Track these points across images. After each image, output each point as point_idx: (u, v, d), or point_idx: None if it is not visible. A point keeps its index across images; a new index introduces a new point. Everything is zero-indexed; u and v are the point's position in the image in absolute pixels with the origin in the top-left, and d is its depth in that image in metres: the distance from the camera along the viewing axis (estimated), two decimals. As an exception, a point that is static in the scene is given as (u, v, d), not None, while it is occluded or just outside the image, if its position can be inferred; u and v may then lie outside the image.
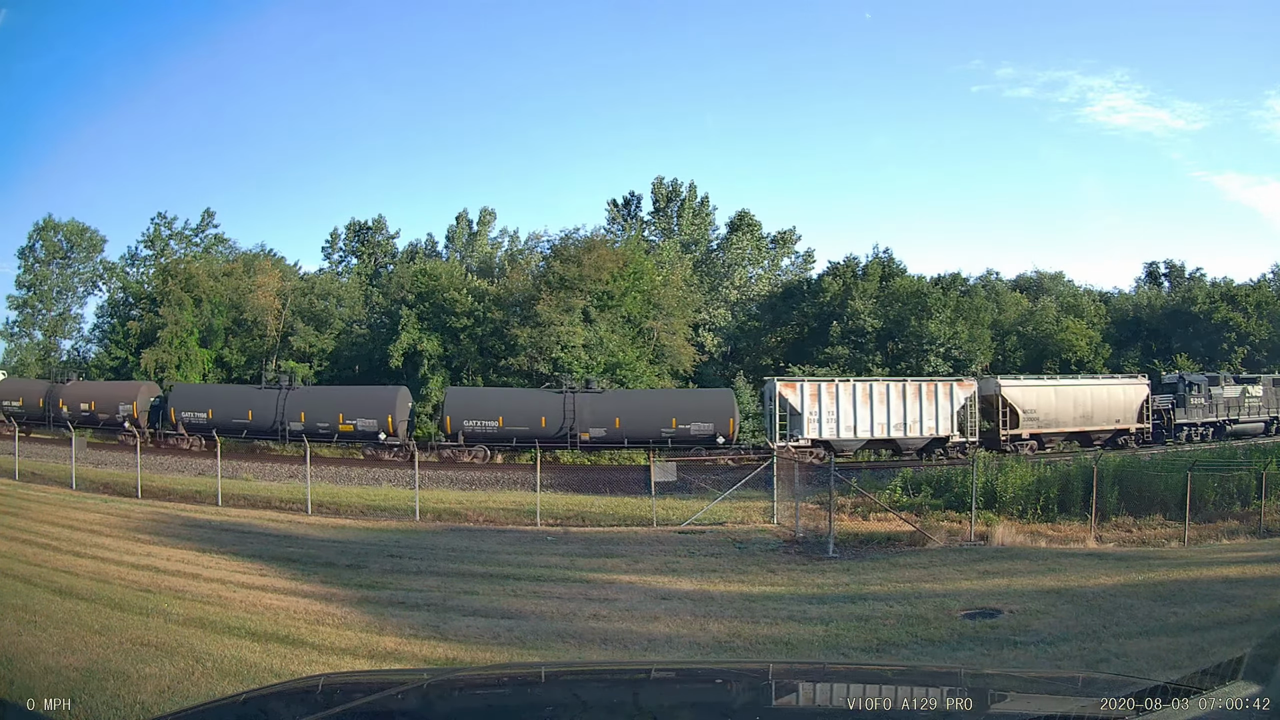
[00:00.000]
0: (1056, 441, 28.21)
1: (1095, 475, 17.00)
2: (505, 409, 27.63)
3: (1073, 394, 28.93)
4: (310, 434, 26.59)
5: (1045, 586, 10.26)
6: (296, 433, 27.35)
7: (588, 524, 17.65)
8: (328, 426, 27.82)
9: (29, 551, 11.55)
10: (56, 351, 45.40)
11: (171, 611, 8.36)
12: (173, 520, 16.28)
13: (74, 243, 45.74)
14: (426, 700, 2.27)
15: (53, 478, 21.76)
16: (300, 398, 28.85)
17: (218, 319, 39.59)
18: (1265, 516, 16.16)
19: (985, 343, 38.13)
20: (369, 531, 16.10)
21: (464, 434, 27.17)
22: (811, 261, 46.28)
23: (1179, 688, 2.03)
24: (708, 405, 27.95)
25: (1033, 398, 28.30)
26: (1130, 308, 45.64)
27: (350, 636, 7.98)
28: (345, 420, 27.81)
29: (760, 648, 7.99)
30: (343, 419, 27.81)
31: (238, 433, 28.35)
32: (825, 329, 37.82)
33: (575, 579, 11.52)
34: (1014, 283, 47.46)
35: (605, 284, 35.07)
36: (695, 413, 27.35)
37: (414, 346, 35.65)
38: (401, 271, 42.29)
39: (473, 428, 27.13)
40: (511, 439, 27.07)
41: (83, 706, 5.14)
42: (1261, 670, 2.17)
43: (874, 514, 17.53)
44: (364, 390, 30.84)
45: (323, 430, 27.74)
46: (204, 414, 28.57)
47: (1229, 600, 9.17)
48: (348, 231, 50.25)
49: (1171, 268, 49.12)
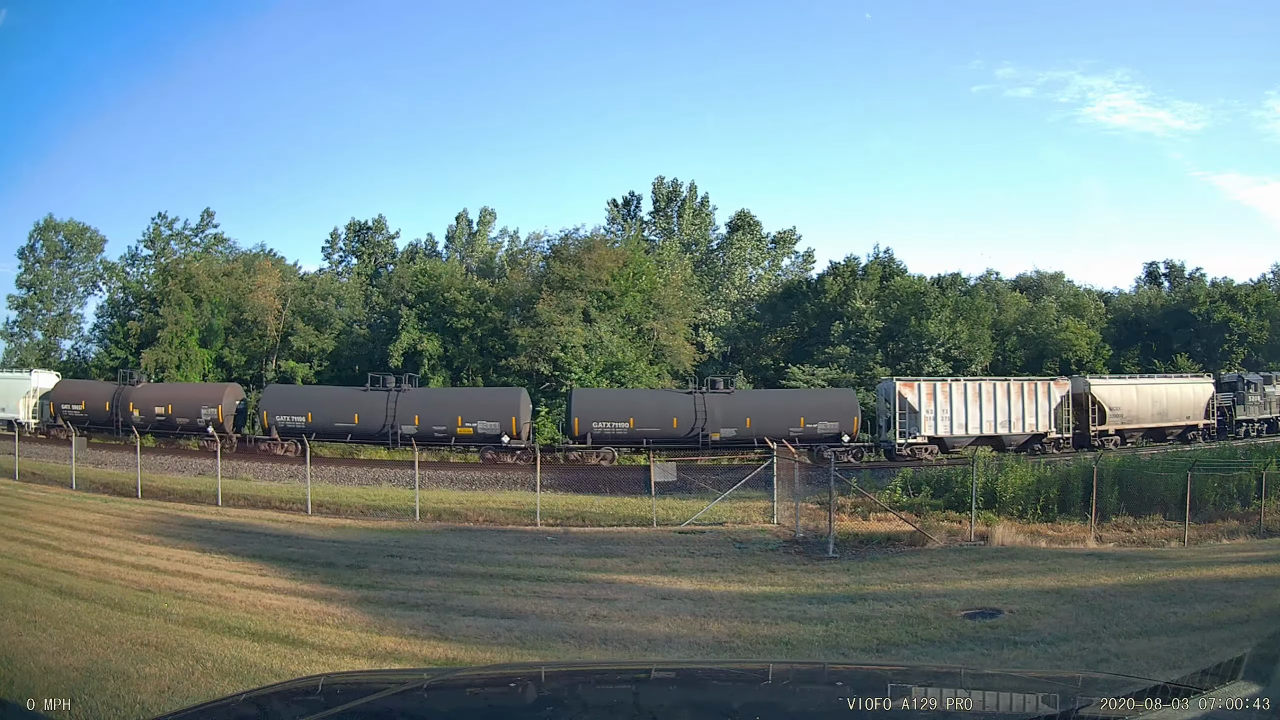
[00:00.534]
0: (1136, 437, 29.52)
1: (1095, 475, 16.99)
2: (636, 410, 27.40)
3: (1151, 392, 30.32)
4: (425, 438, 26.09)
5: (1045, 586, 10.26)
6: (409, 436, 26.32)
7: (588, 524, 17.64)
8: (444, 430, 27.00)
9: (29, 551, 11.56)
10: (56, 351, 45.43)
11: (171, 611, 8.35)
12: (173, 520, 16.27)
13: (74, 242, 45.79)
14: (426, 700, 2.27)
15: (53, 478, 21.77)
16: (414, 400, 27.86)
17: (218, 319, 39.60)
18: (1265, 516, 16.16)
19: (985, 343, 38.15)
20: (369, 531, 16.10)
21: (593, 436, 26.85)
22: (812, 261, 46.42)
23: (1179, 688, 2.03)
24: (833, 404, 28.26)
25: (1118, 396, 29.56)
26: (1130, 308, 45.67)
27: (350, 636, 7.98)
28: (465, 423, 26.97)
29: (760, 648, 7.99)
30: (461, 421, 26.97)
31: (341, 437, 27.57)
32: (826, 329, 37.83)
33: (575, 579, 11.52)
34: (1014, 283, 47.51)
35: (605, 284, 35.09)
36: (822, 411, 27.69)
37: (414, 346, 35.67)
38: (401, 271, 42.33)
39: (602, 429, 26.83)
40: (642, 440, 26.82)
41: (83, 706, 5.14)
42: (1261, 670, 2.18)
43: (874, 514, 17.52)
44: (485, 392, 30.61)
45: (439, 434, 26.98)
46: (302, 417, 27.39)
47: (1229, 600, 9.17)
48: (348, 231, 50.36)
49: (1171, 268, 49.19)
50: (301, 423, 27.26)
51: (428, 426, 26.98)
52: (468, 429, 26.95)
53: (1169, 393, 30.42)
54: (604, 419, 26.80)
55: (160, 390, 31.39)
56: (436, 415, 27.22)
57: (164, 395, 30.39)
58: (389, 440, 27.30)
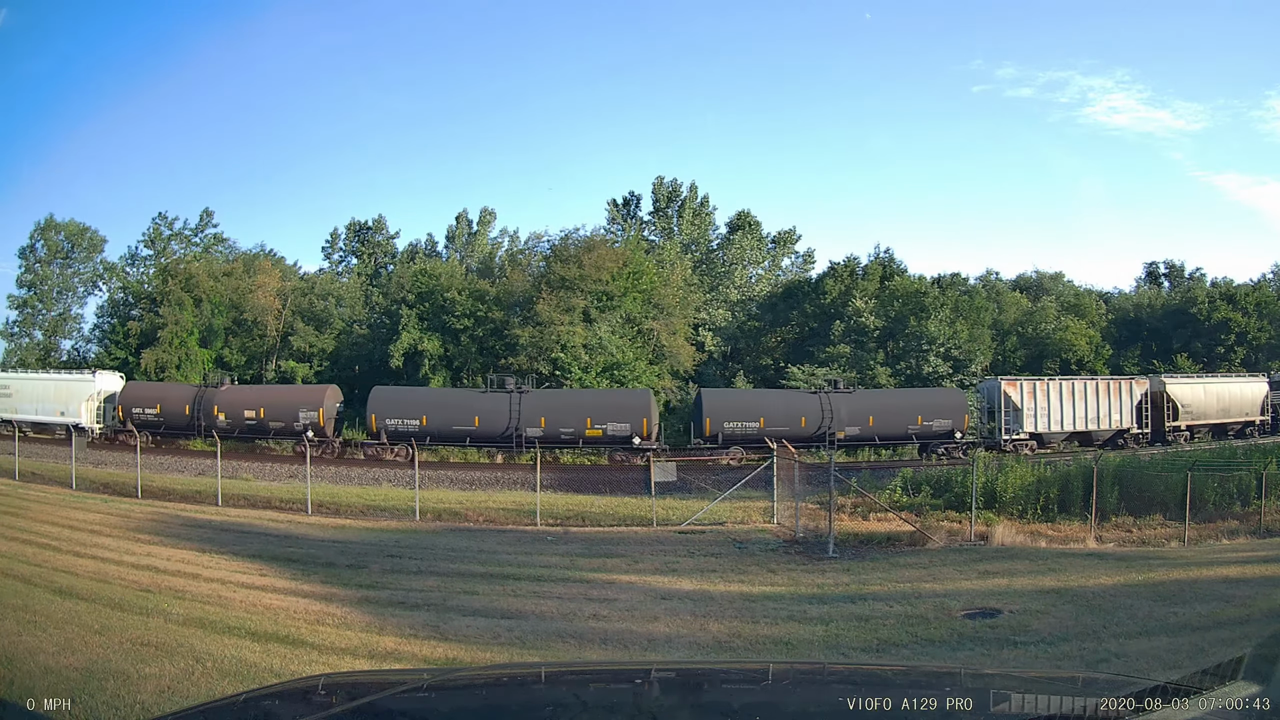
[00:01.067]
0: (1203, 432, 31.31)
1: (1095, 475, 16.99)
2: (766, 410, 27.87)
3: (1216, 390, 32.28)
4: (551, 440, 25.82)
5: (1045, 586, 10.26)
6: (534, 439, 25.94)
7: (588, 524, 17.65)
8: (572, 432, 26.72)
9: (29, 551, 11.56)
10: (56, 351, 45.42)
11: (171, 611, 8.35)
12: (173, 520, 16.27)
13: (75, 242, 45.76)
14: (426, 700, 2.27)
15: (53, 478, 21.76)
16: (539, 401, 27.47)
17: (218, 319, 39.59)
18: (1265, 516, 16.17)
19: (985, 343, 38.14)
20: (369, 531, 16.10)
21: (723, 435, 27.15)
22: (812, 261, 46.39)
23: (1179, 688, 2.03)
24: (945, 402, 29.44)
25: (1189, 394, 31.34)
26: (1130, 308, 45.67)
27: (350, 636, 7.98)
28: (594, 425, 26.70)
29: (760, 648, 7.99)
30: (591, 423, 26.71)
31: (459, 441, 27.00)
32: (826, 328, 37.82)
33: (575, 579, 11.52)
34: (1014, 283, 47.50)
35: (605, 284, 35.07)
36: (936, 409, 28.78)
37: (414, 346, 35.65)
38: (401, 271, 42.31)
39: (733, 430, 27.19)
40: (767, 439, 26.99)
41: (83, 706, 5.14)
42: (1261, 670, 2.18)
43: (874, 514, 17.52)
44: (614, 393, 30.20)
45: (565, 436, 26.73)
46: (416, 421, 26.75)
47: (1229, 600, 9.18)
48: (348, 231, 50.33)
49: (1171, 268, 49.18)
50: (415, 426, 26.62)
51: (554, 429, 26.66)
52: (597, 430, 26.76)
53: (1230, 391, 32.49)
54: (735, 419, 27.34)
55: (251, 393, 29.84)
56: (564, 417, 26.96)
57: (255, 398, 28.87)
58: (512, 444, 26.85)
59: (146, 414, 28.97)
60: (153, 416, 28.90)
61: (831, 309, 38.52)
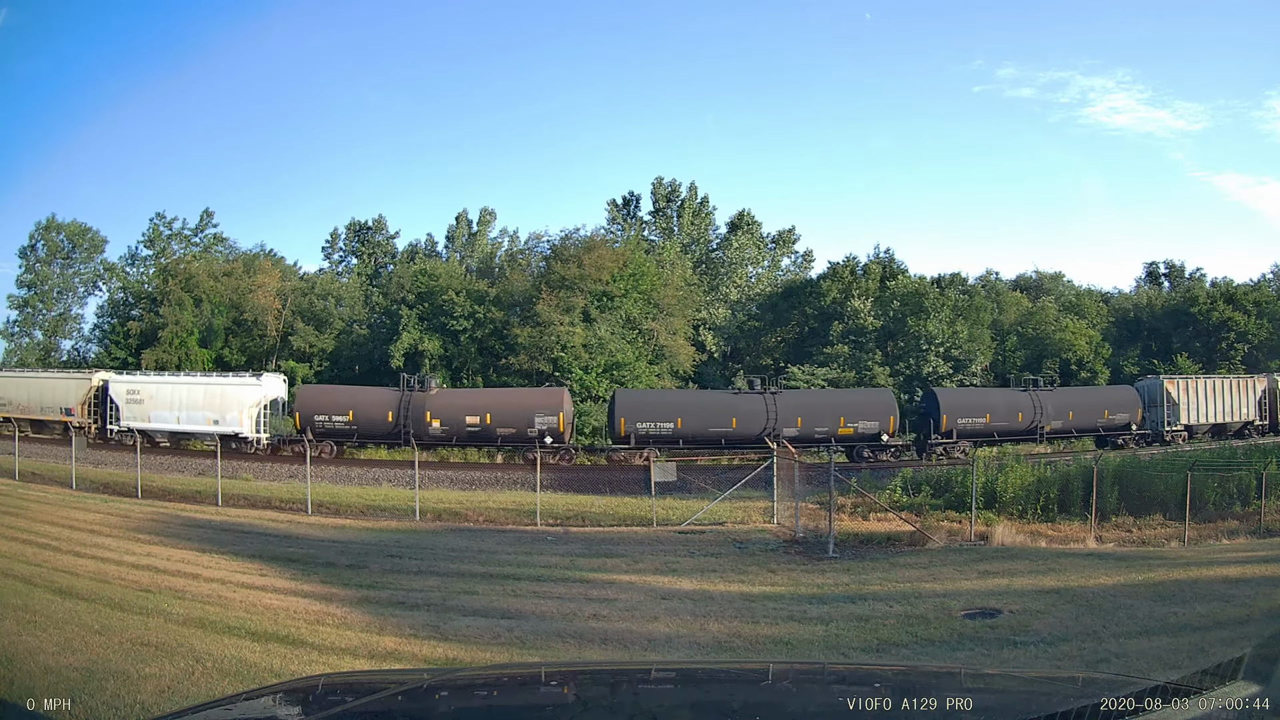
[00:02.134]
0: None
1: (1095, 475, 16.98)
2: (993, 407, 29.59)
3: None
4: (805, 440, 25.83)
5: (1045, 586, 10.26)
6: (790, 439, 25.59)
7: (588, 524, 17.64)
8: (825, 431, 26.72)
9: (29, 551, 11.55)
10: (56, 351, 45.45)
11: (171, 611, 8.35)
12: (173, 520, 16.27)
13: (76, 243, 45.79)
14: (426, 700, 2.27)
15: (53, 477, 21.75)
16: (793, 401, 27.66)
17: (218, 319, 39.61)
18: (1265, 516, 16.14)
19: (985, 342, 38.15)
20: (369, 531, 16.09)
21: (957, 431, 28.62)
22: (811, 261, 46.45)
23: (1179, 688, 2.03)
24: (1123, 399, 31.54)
25: None
26: (1130, 308, 45.66)
27: (350, 636, 7.97)
28: (846, 423, 27.04)
29: (760, 648, 7.99)
30: (844, 422, 27.05)
31: (715, 443, 26.63)
32: (826, 328, 37.82)
33: (575, 579, 11.51)
34: (1014, 283, 47.50)
35: (605, 284, 35.06)
36: (1117, 405, 31.20)
37: (414, 347, 35.67)
38: (401, 271, 42.33)
39: (964, 425, 28.82)
40: (993, 434, 29.19)
41: (83, 706, 5.14)
42: (1261, 670, 2.17)
43: (874, 514, 17.52)
44: (863, 392, 30.78)
45: (819, 435, 26.61)
46: (670, 424, 26.18)
47: (1229, 600, 9.17)
48: (348, 231, 50.36)
49: (1171, 268, 49.15)
50: (670, 429, 26.24)
51: (809, 428, 26.80)
52: (849, 429, 27.19)
53: None
54: (966, 415, 29.11)
55: (474, 397, 27.96)
56: (819, 416, 27.21)
57: (481, 402, 27.01)
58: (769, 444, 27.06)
59: (334, 422, 26.50)
60: (342, 424, 26.58)
61: (831, 309, 38.51)
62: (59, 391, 30.93)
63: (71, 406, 30.19)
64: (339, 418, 26.65)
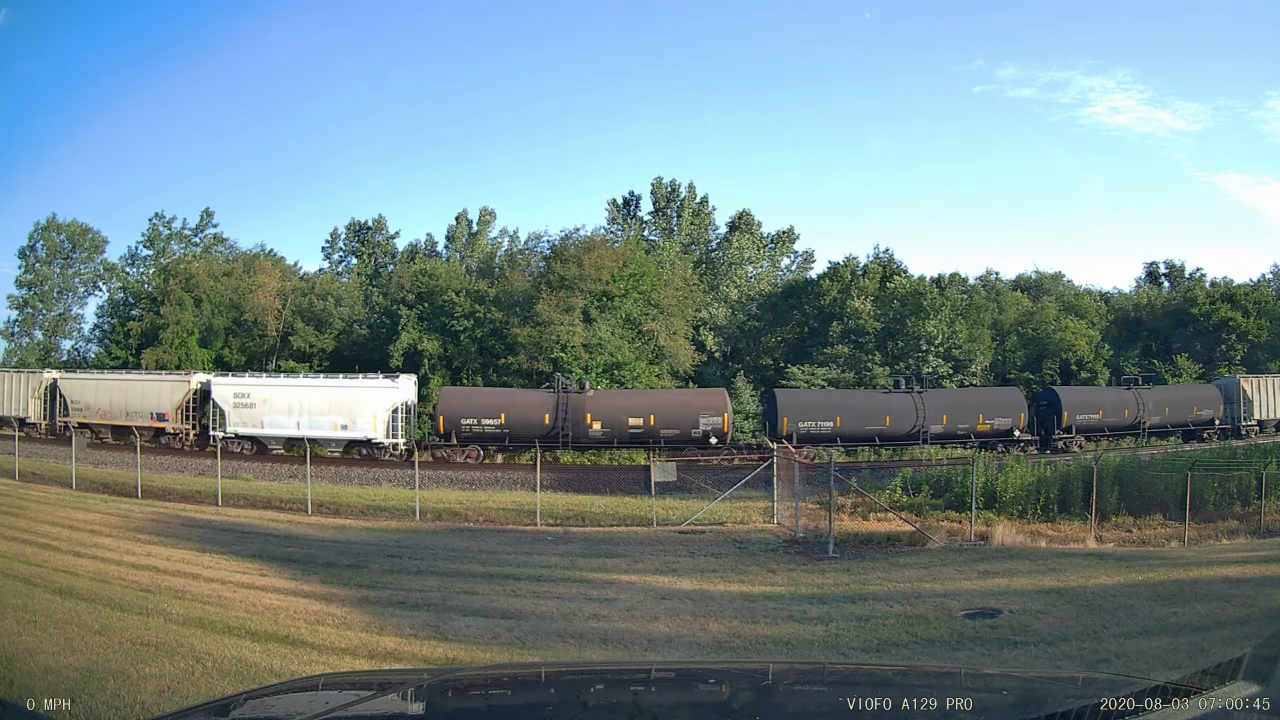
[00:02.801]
0: None
1: (1095, 475, 16.98)
2: (1104, 404, 30.89)
3: None
4: (948, 436, 27.30)
5: (1045, 586, 10.26)
6: (936, 436, 27.37)
7: (588, 524, 17.65)
8: (967, 427, 27.97)
9: (29, 551, 11.56)
10: (56, 351, 45.44)
11: (171, 611, 8.35)
12: (173, 520, 16.27)
13: (76, 243, 45.78)
14: (426, 700, 2.27)
15: (53, 478, 21.76)
16: (938, 400, 28.69)
17: (218, 319, 39.58)
18: (1265, 516, 16.14)
19: (985, 343, 38.11)
20: (369, 531, 16.10)
21: (1076, 426, 29.92)
22: (811, 261, 46.38)
23: (1179, 688, 2.03)
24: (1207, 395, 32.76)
25: None
26: (1130, 308, 45.61)
27: (350, 636, 7.97)
28: (984, 420, 28.23)
29: (760, 648, 7.99)
30: (982, 419, 28.22)
31: (869, 441, 27.76)
32: (825, 329, 37.79)
33: (575, 579, 11.52)
34: (1014, 283, 47.43)
35: (605, 284, 35.05)
36: (1202, 401, 32.36)
37: (414, 346, 35.64)
38: (401, 271, 42.30)
39: (1082, 420, 30.11)
40: (1104, 429, 30.53)
41: (83, 706, 5.14)
42: (1261, 670, 2.17)
43: (874, 514, 17.52)
44: (998, 391, 31.74)
45: (961, 431, 27.92)
46: (830, 423, 27.00)
47: (1229, 600, 9.17)
48: (348, 231, 50.33)
49: (1171, 268, 49.07)
50: (829, 428, 26.87)
51: (953, 425, 28.11)
52: (986, 425, 28.47)
53: None
54: (1083, 412, 30.39)
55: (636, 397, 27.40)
56: (962, 414, 28.39)
57: (641, 403, 26.46)
58: (918, 441, 28.00)
59: (483, 425, 25.74)
60: (493, 428, 25.80)
61: (831, 309, 38.49)
62: (149, 395, 29.05)
63: (165, 411, 28.43)
64: (489, 421, 25.99)
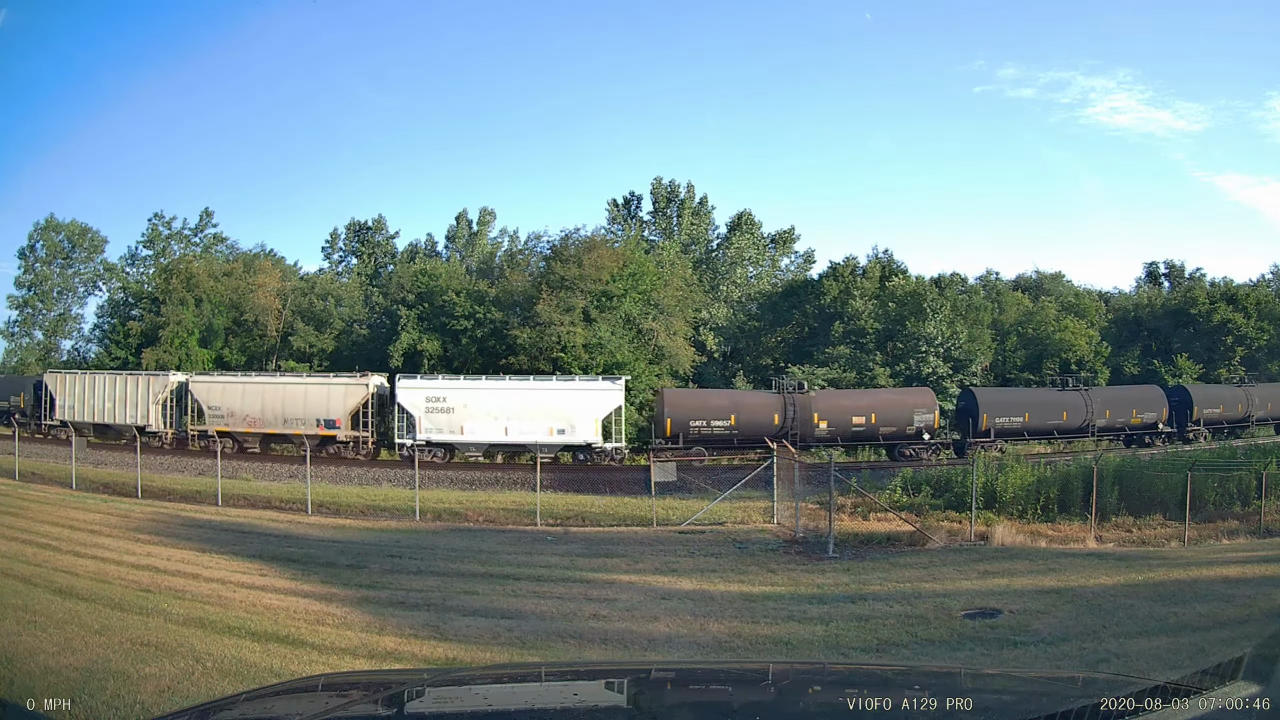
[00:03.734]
0: None
1: (1095, 475, 16.98)
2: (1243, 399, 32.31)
3: None
4: (1109, 429, 29.62)
5: (1045, 586, 10.26)
6: (1101, 429, 29.43)
7: (588, 524, 17.64)
8: (1123, 421, 30.20)
9: (29, 551, 11.56)
10: (56, 351, 45.43)
11: (171, 611, 8.36)
12: (173, 520, 16.27)
13: (75, 243, 45.77)
14: (426, 700, 2.27)
15: (53, 478, 21.76)
16: (1100, 396, 30.73)
17: (218, 319, 39.56)
18: (1265, 516, 16.15)
19: (985, 343, 38.09)
20: (369, 531, 16.09)
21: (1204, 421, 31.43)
22: (811, 261, 46.32)
23: (1179, 688, 2.03)
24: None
25: None
26: (1130, 308, 45.60)
27: (350, 636, 7.98)
28: (1136, 415, 30.43)
29: (760, 648, 7.99)
30: (1135, 414, 30.46)
31: (1048, 435, 29.67)
32: (826, 329, 37.78)
33: (575, 579, 11.52)
34: (1014, 283, 47.43)
35: (605, 284, 35.05)
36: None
37: (414, 347, 35.63)
38: (401, 271, 42.28)
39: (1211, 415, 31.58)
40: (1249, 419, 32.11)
41: (83, 706, 5.14)
42: (1261, 670, 2.17)
43: (874, 514, 17.51)
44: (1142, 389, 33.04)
45: (1118, 425, 30.09)
46: (1020, 418, 28.89)
47: (1229, 600, 9.17)
48: (348, 231, 50.31)
49: (1171, 268, 49.06)
50: (1019, 423, 29.03)
51: (1114, 419, 30.17)
52: (1138, 419, 30.61)
53: None
54: (1211, 406, 31.85)
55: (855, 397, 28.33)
56: (1120, 409, 30.48)
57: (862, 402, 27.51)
58: (1087, 434, 29.74)
59: (713, 426, 25.90)
60: (722, 429, 25.93)
61: (831, 309, 38.48)
62: (315, 399, 27.17)
63: (336, 418, 26.69)
64: (719, 422, 26.12)
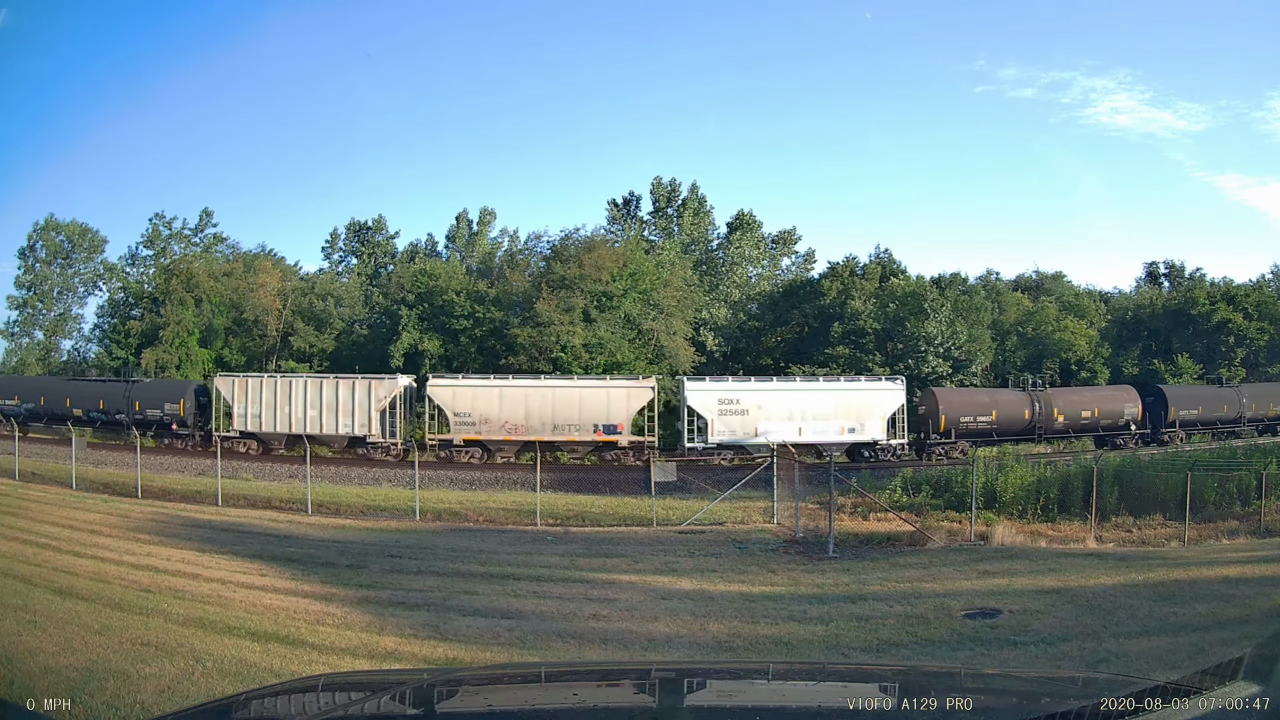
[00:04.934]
0: None
1: (1095, 475, 16.98)
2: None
3: None
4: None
5: (1045, 586, 10.26)
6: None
7: (588, 524, 17.64)
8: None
9: (29, 551, 11.56)
10: (56, 351, 45.41)
11: (171, 611, 8.35)
12: (173, 520, 16.26)
13: (75, 243, 45.72)
14: (426, 700, 2.27)
15: (53, 477, 21.74)
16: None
17: (218, 319, 39.56)
18: (1265, 516, 16.15)
19: (985, 343, 38.08)
20: (369, 531, 16.09)
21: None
22: (812, 261, 46.34)
23: (1179, 688, 2.03)
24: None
25: None
26: (1130, 308, 45.60)
27: (350, 636, 7.98)
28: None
29: (760, 648, 7.99)
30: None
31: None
32: (826, 329, 37.77)
33: (575, 579, 11.52)
34: (1014, 283, 47.42)
35: (605, 284, 35.04)
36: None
37: (414, 347, 35.64)
38: (401, 271, 42.28)
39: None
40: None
41: (83, 706, 5.14)
42: (1261, 670, 2.17)
43: (874, 514, 17.51)
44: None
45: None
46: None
47: (1229, 600, 9.17)
48: (348, 231, 50.23)
49: (1171, 268, 49.06)
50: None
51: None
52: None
53: None
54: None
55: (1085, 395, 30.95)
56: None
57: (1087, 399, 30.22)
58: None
59: (978, 422, 28.12)
60: (985, 424, 28.12)
61: (831, 309, 38.48)
62: (592, 403, 26.01)
63: (618, 422, 25.79)
64: (983, 418, 28.33)
